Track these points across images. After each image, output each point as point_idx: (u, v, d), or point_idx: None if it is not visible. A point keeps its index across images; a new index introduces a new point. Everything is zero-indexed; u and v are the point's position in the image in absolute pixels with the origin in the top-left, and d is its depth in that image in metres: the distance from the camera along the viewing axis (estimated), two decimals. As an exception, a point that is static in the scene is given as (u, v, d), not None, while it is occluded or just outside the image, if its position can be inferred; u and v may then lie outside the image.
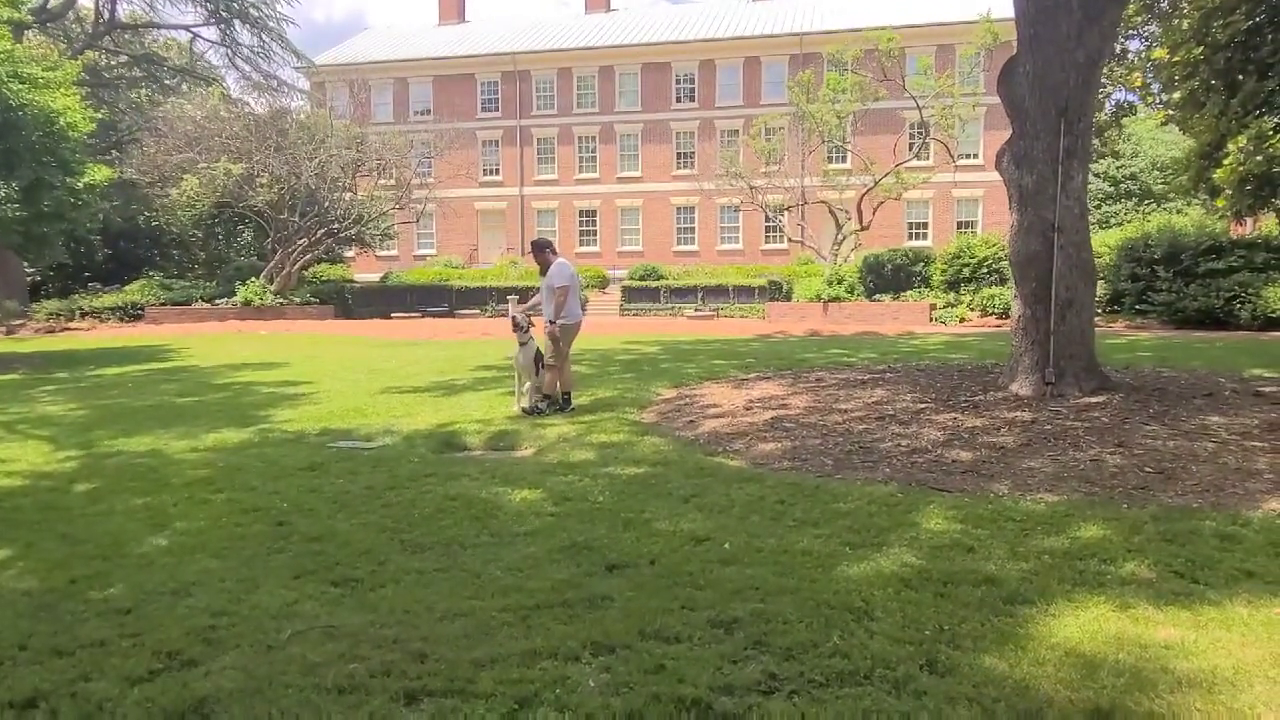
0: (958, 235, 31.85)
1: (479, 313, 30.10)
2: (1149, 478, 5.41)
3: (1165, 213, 31.64)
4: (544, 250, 8.87)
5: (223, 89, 35.01)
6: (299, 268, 30.48)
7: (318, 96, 38.22)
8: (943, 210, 36.77)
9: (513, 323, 8.83)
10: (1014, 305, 8.56)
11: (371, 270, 37.19)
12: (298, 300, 29.47)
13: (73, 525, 5.00)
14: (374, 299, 31.53)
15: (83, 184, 16.31)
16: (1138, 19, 16.75)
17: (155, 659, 3.19)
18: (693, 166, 38.33)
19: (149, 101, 34.52)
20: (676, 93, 39.32)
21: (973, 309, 24.26)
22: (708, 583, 3.82)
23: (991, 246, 25.01)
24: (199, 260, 35.91)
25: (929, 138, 28.39)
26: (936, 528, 4.52)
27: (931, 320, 24.07)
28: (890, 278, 26.49)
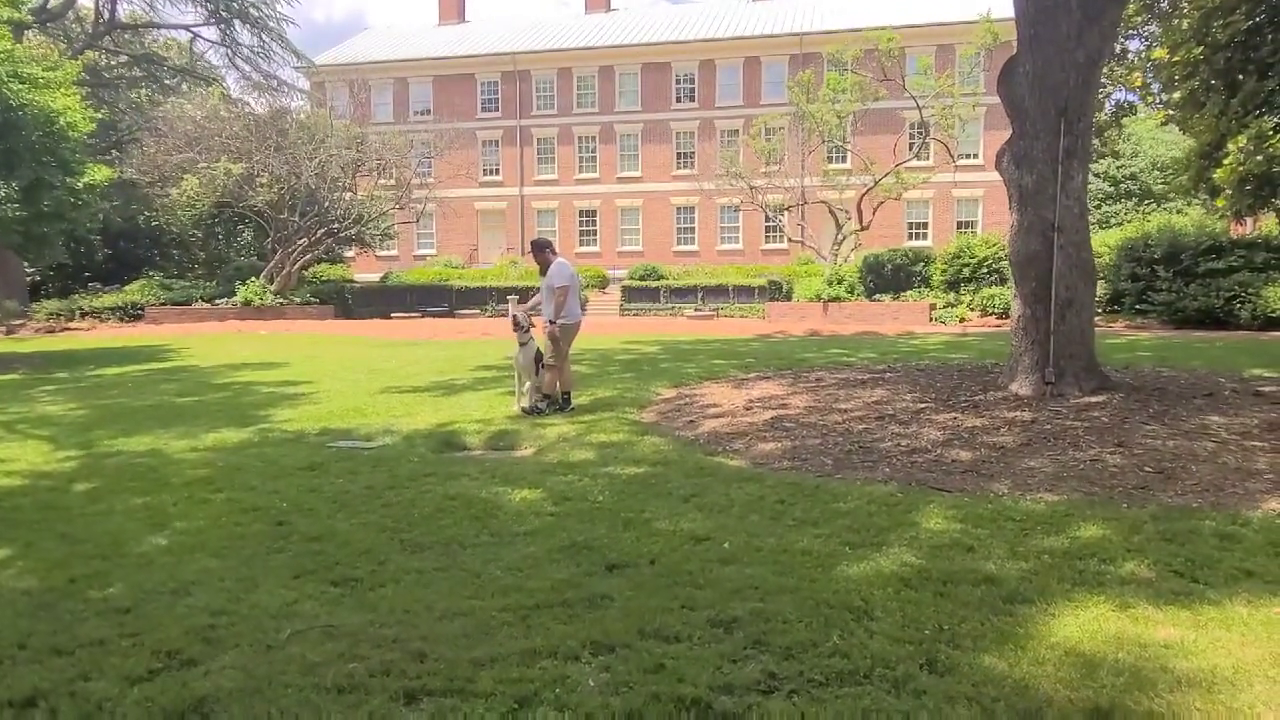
0: (958, 235, 31.84)
1: (479, 313, 30.10)
2: (1149, 477, 5.41)
3: (1165, 213, 31.64)
4: (544, 250, 8.88)
5: (223, 89, 35.02)
6: (299, 268, 30.49)
7: (318, 96, 38.23)
8: (943, 210, 36.77)
9: (513, 322, 8.83)
10: (1014, 305, 8.57)
11: (371, 270, 37.19)
12: (298, 300, 29.47)
13: (72, 525, 5.00)
14: (374, 299, 31.52)
15: (83, 184, 16.31)
16: (1138, 19, 16.76)
17: (155, 658, 3.19)
18: (693, 166, 38.33)
19: (149, 101, 34.52)
20: (676, 93, 39.32)
21: (973, 309, 24.26)
22: (707, 582, 3.82)
23: (991, 246, 25.01)
24: (199, 260, 35.91)
25: (929, 138, 28.39)
26: (936, 527, 4.53)
27: (931, 320, 24.07)
28: (890, 278, 26.49)
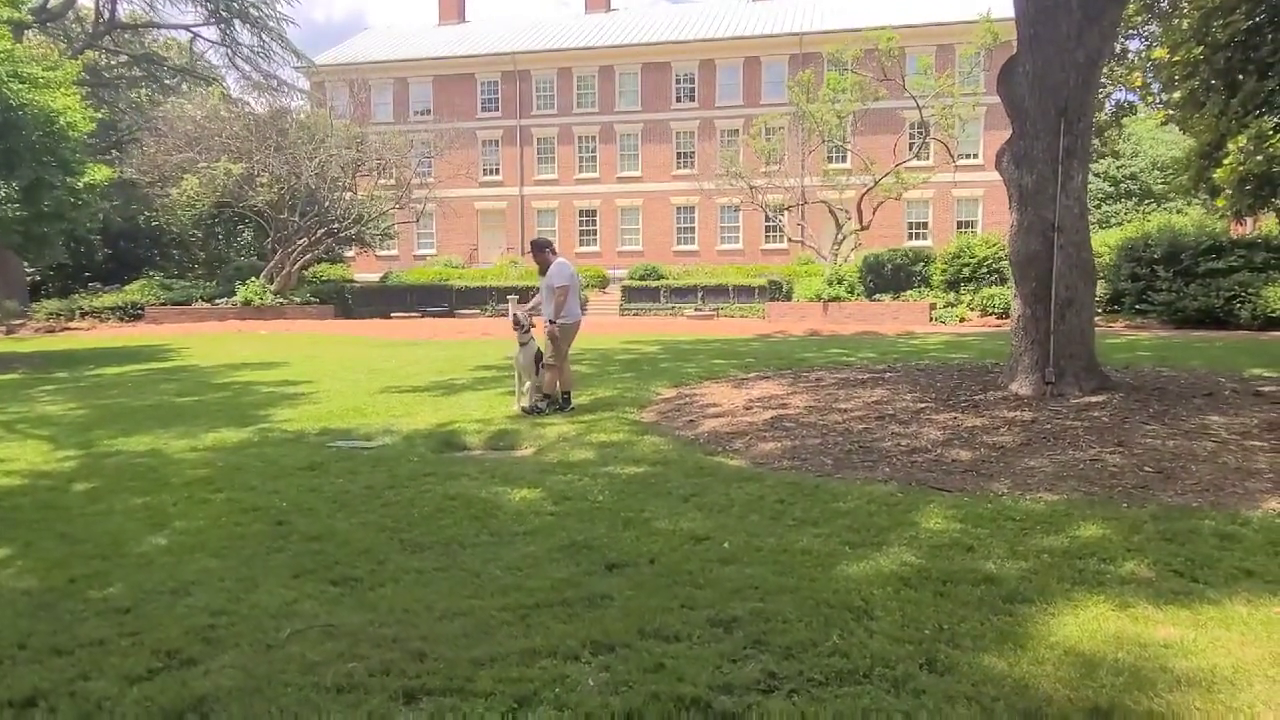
0: (958, 235, 31.85)
1: (479, 313, 30.10)
2: (1148, 477, 5.40)
3: (1165, 212, 31.64)
4: (543, 250, 8.88)
5: (223, 89, 35.01)
6: (299, 267, 30.48)
7: (318, 96, 38.23)
8: (943, 210, 36.77)
9: (514, 321, 8.83)
10: (1014, 305, 8.56)
11: (371, 270, 37.18)
12: (298, 300, 29.47)
13: (72, 524, 5.00)
14: (374, 299, 31.52)
15: (83, 184, 16.31)
16: (1138, 19, 16.75)
17: (154, 658, 3.19)
18: (693, 166, 38.32)
19: (149, 101, 34.51)
20: (676, 92, 39.32)
21: (973, 309, 24.26)
22: (707, 582, 3.82)
23: (991, 246, 25.01)
24: (199, 260, 35.90)
25: (929, 138, 28.38)
26: (936, 527, 4.53)
27: (931, 320, 24.07)
28: (890, 277, 26.48)
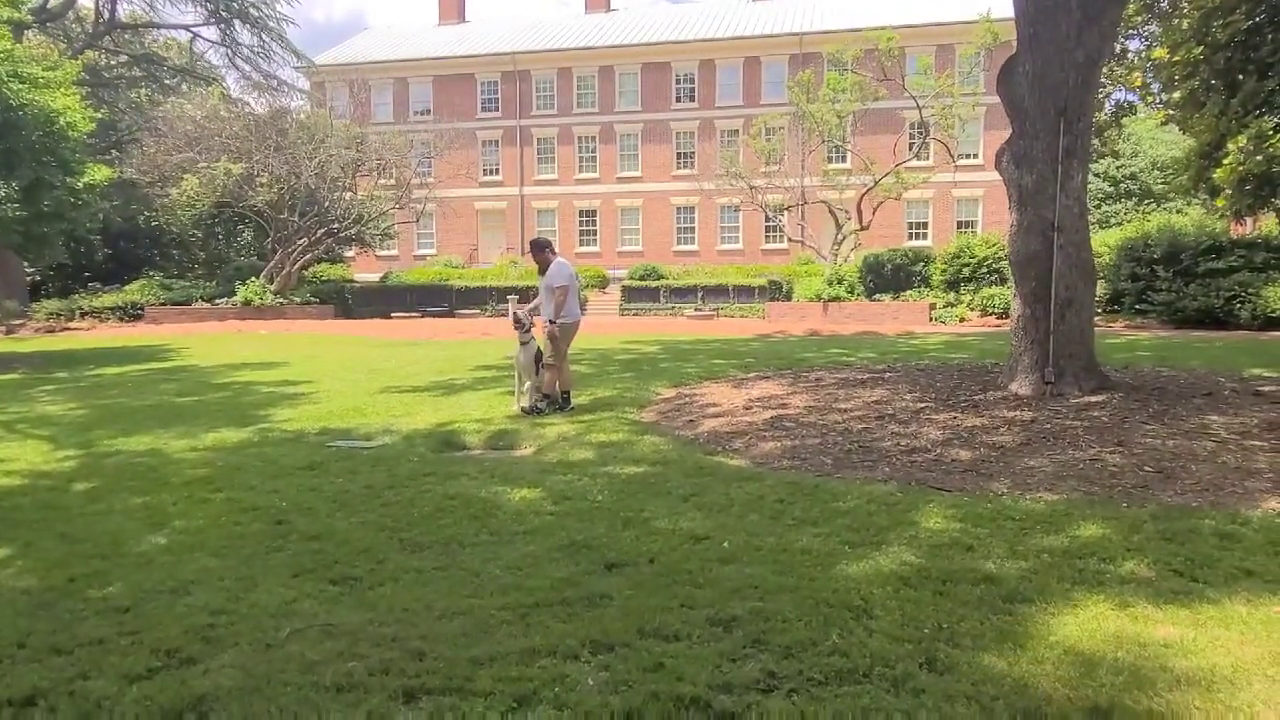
0: (958, 235, 31.85)
1: (479, 313, 30.10)
2: (1148, 477, 5.40)
3: (1165, 212, 31.61)
4: (543, 250, 8.88)
5: (223, 89, 35.01)
6: (299, 267, 30.48)
7: (318, 96, 38.23)
8: (943, 210, 36.77)
9: (514, 320, 8.83)
10: (1014, 305, 8.57)
11: (371, 270, 37.19)
12: (298, 300, 29.47)
13: (72, 524, 5.00)
14: (374, 299, 31.51)
15: (83, 184, 16.31)
16: (1138, 19, 16.75)
17: (154, 657, 3.19)
18: (693, 166, 38.32)
19: (149, 101, 34.51)
20: (676, 93, 39.32)
21: (972, 309, 24.26)
22: (707, 581, 3.82)
23: (991, 246, 25.01)
24: (199, 260, 35.90)
25: (929, 138, 28.39)
26: (936, 526, 4.53)
27: (931, 320, 24.07)
28: (890, 277, 26.49)
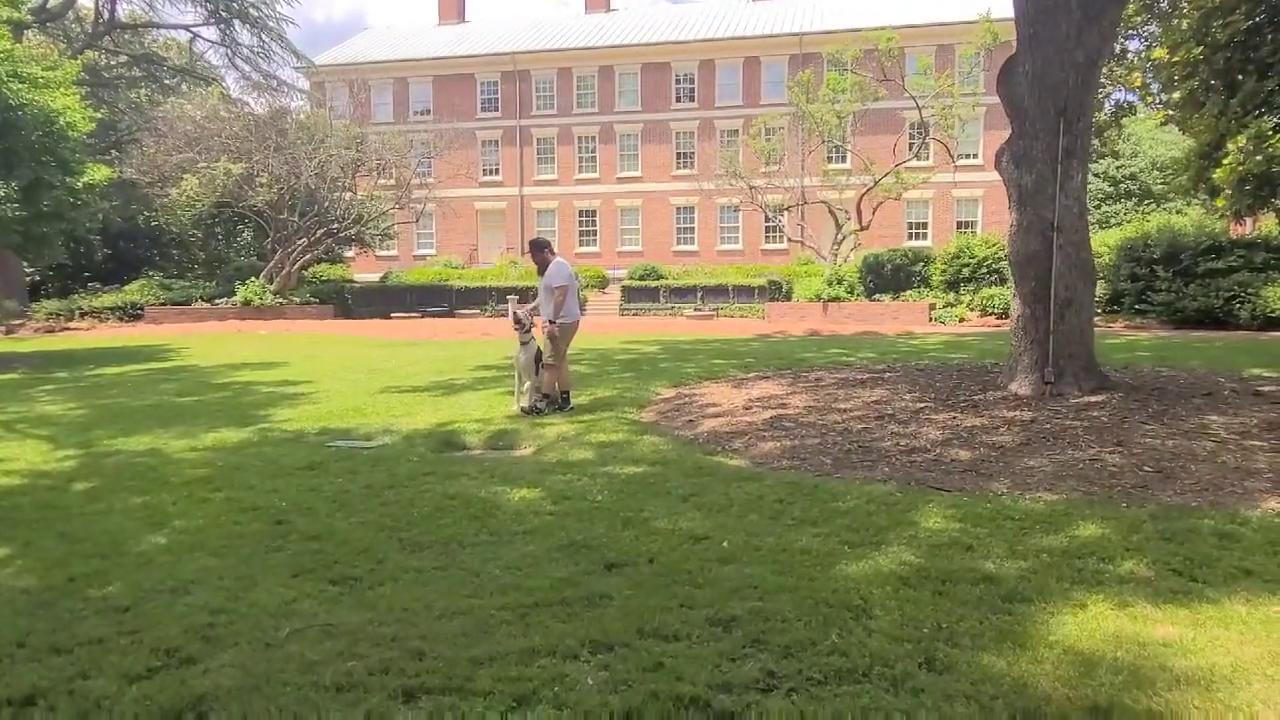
0: (957, 235, 31.84)
1: (479, 313, 30.10)
2: (1148, 477, 5.41)
3: (1165, 213, 31.62)
4: (542, 250, 8.88)
5: (222, 89, 35.00)
6: (299, 268, 30.49)
7: (317, 96, 38.22)
8: (942, 210, 36.77)
9: (514, 320, 8.83)
10: (1013, 305, 8.57)
11: (371, 270, 37.18)
12: (297, 300, 29.47)
13: (71, 524, 5.00)
14: (374, 299, 31.52)
15: (82, 184, 16.31)
16: (1137, 19, 16.74)
17: (154, 657, 3.19)
18: (692, 166, 38.32)
19: (149, 101, 34.51)
20: (676, 93, 39.32)
21: (972, 309, 24.27)
22: (706, 581, 3.82)
23: (991, 246, 25.02)
24: (199, 260, 35.90)
25: (929, 138, 28.40)
26: (935, 526, 4.53)
27: (931, 320, 24.08)
28: (890, 278, 26.49)
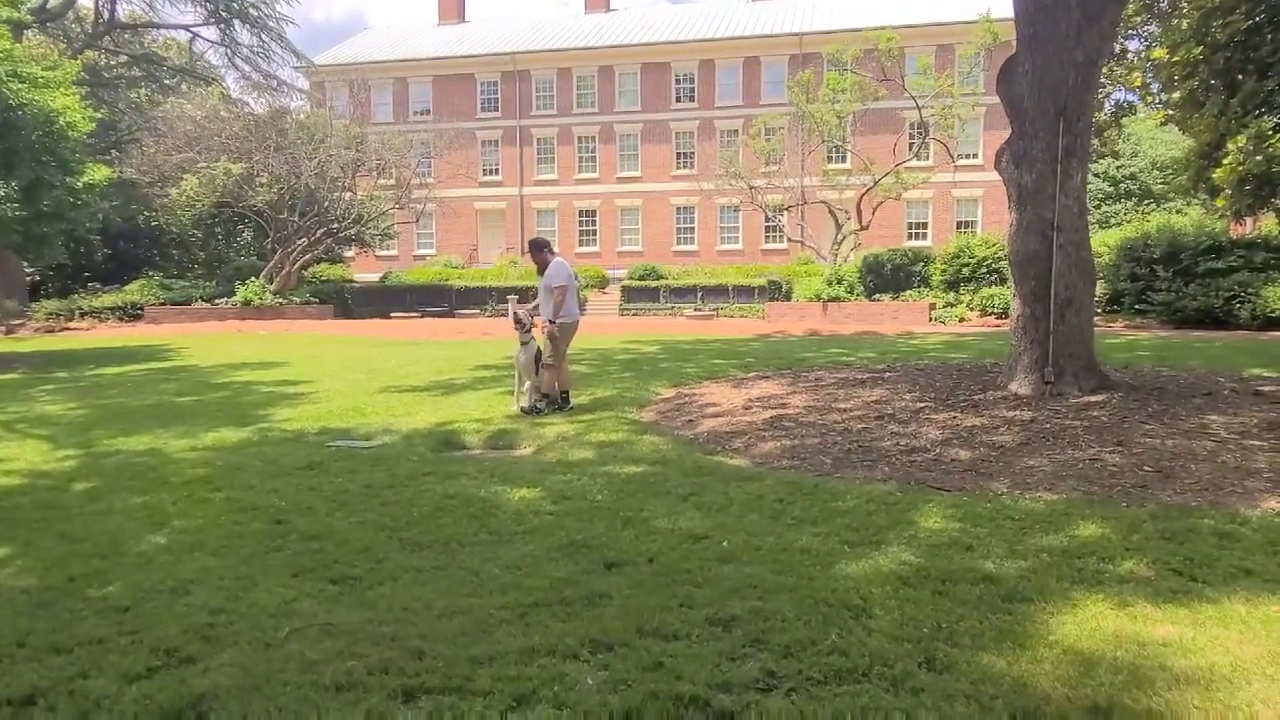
0: (957, 235, 31.86)
1: (479, 313, 30.11)
2: (1148, 476, 5.41)
3: (1165, 212, 31.62)
4: (541, 250, 8.88)
5: (222, 89, 35.00)
6: (299, 267, 30.48)
7: (317, 96, 38.22)
8: (942, 210, 36.77)
9: (514, 319, 8.83)
10: (1013, 304, 8.56)
11: (371, 270, 37.18)
12: (297, 300, 29.47)
13: (71, 524, 5.00)
14: (374, 299, 31.52)
15: (82, 184, 16.31)
16: (1137, 19, 16.73)
17: (153, 656, 3.19)
18: (692, 166, 38.32)
19: (149, 101, 34.51)
20: (676, 93, 39.32)
21: (972, 309, 24.27)
22: (706, 581, 3.82)
23: (991, 246, 25.03)
24: (199, 260, 35.91)
25: (929, 138, 28.40)
26: (935, 526, 4.53)
27: (931, 320, 24.08)
28: (890, 277, 26.50)
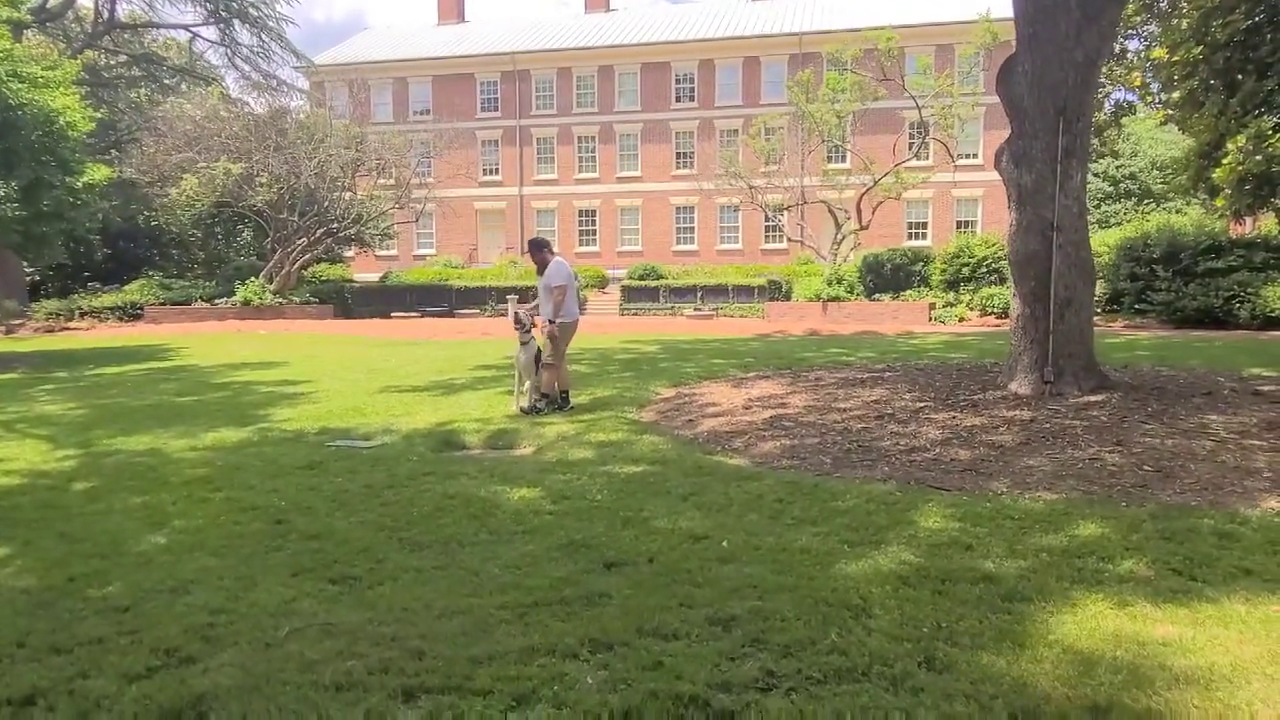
0: (957, 235, 31.85)
1: (478, 312, 30.10)
2: (1147, 476, 5.41)
3: (1164, 212, 31.63)
4: (541, 249, 8.88)
5: (222, 89, 34.97)
6: (298, 267, 30.47)
7: (317, 96, 38.20)
8: (942, 210, 36.77)
9: (515, 319, 8.84)
10: (1013, 304, 8.56)
11: (371, 270, 37.17)
12: (297, 300, 29.45)
13: (71, 524, 5.01)
14: (373, 299, 31.50)
15: (82, 183, 16.30)
16: (1137, 19, 16.74)
17: (153, 656, 3.19)
18: (692, 166, 38.32)
19: (149, 101, 34.49)
20: (676, 92, 39.31)
21: (972, 308, 24.26)
22: (706, 580, 3.82)
23: (991, 246, 25.01)
24: (198, 260, 35.89)
25: (928, 137, 28.39)
26: (935, 526, 4.53)
27: (931, 320, 24.07)
28: (889, 277, 26.49)
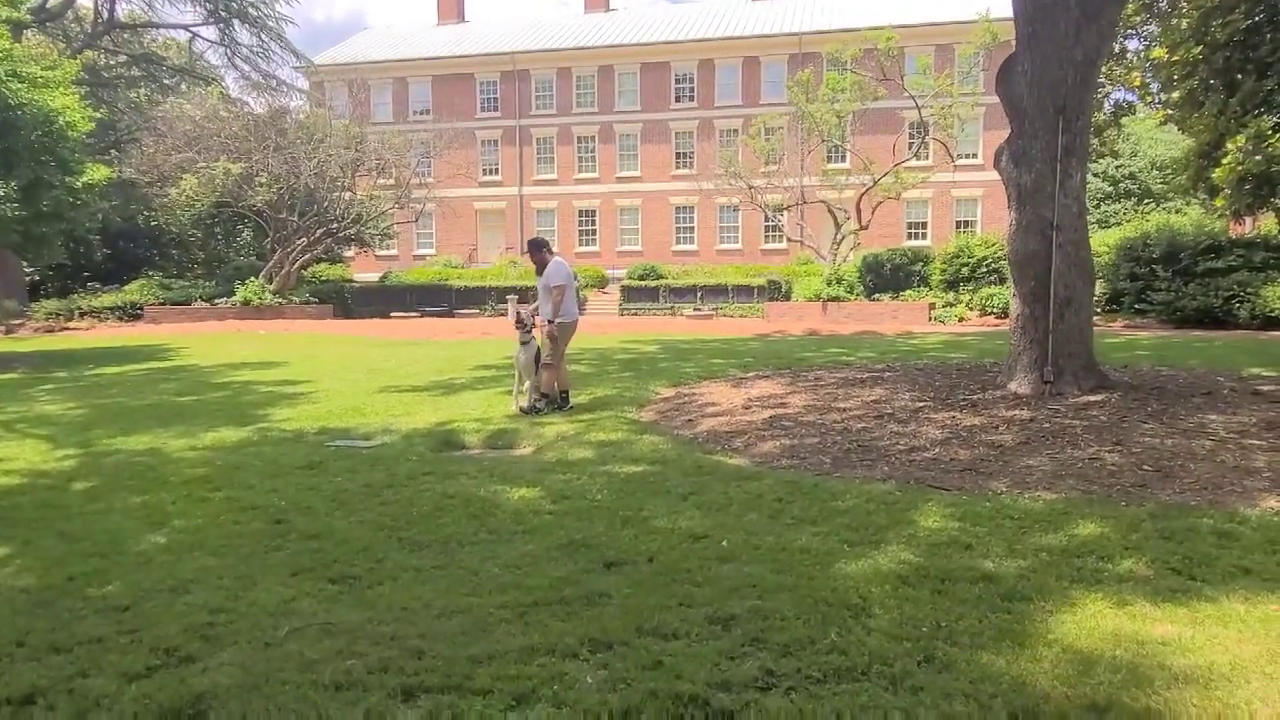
0: (957, 235, 31.85)
1: (478, 312, 30.10)
2: (1147, 476, 5.41)
3: (1164, 212, 31.65)
4: (540, 249, 8.89)
5: (222, 89, 34.97)
6: (298, 267, 30.47)
7: (317, 96, 38.20)
8: (942, 210, 36.77)
9: (515, 319, 8.84)
10: (1012, 304, 8.57)
11: (371, 270, 37.17)
12: (297, 300, 29.45)
13: (71, 523, 5.01)
14: (373, 299, 31.51)
15: (81, 183, 16.30)
16: (1136, 18, 16.73)
17: (153, 655, 3.19)
18: (692, 166, 38.32)
19: (148, 101, 34.50)
20: (676, 92, 39.31)
21: (971, 308, 24.27)
22: (705, 580, 3.82)
23: (990, 246, 25.03)
24: (198, 260, 35.90)
25: (928, 137, 28.39)
26: (934, 525, 4.53)
27: (930, 319, 24.08)
28: (889, 277, 26.50)
